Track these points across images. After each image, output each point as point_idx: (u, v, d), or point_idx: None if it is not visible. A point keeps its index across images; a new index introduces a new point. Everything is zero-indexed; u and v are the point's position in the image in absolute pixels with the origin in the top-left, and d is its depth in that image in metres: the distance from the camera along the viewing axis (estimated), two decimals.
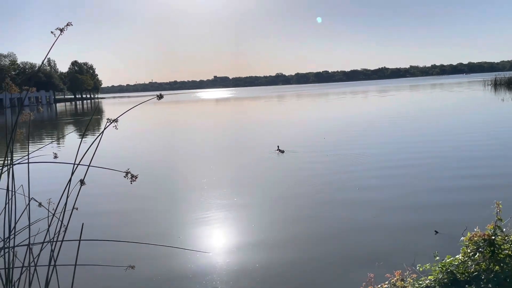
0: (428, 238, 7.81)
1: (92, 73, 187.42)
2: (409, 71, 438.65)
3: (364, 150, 17.67)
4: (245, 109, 62.38)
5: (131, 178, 2.50)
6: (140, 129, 33.92)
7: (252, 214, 10.02)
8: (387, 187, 11.67)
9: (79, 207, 2.80)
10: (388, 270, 4.24)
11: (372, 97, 74.02)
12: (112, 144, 21.29)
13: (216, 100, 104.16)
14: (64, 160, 2.82)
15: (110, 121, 2.57)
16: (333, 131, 25.35)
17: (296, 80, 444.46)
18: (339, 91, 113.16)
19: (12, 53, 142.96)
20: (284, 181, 13.29)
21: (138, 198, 11.65)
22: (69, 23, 2.36)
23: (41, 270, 2.72)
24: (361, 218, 9.21)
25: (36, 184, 2.88)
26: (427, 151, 16.74)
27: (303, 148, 19.10)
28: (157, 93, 2.73)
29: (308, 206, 10.42)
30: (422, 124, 26.66)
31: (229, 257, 7.50)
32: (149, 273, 6.87)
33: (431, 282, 3.74)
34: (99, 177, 11.93)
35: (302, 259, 7.32)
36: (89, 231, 3.01)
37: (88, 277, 6.53)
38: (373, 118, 31.80)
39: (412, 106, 45.89)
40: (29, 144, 2.91)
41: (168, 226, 9.42)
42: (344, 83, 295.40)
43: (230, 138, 26.35)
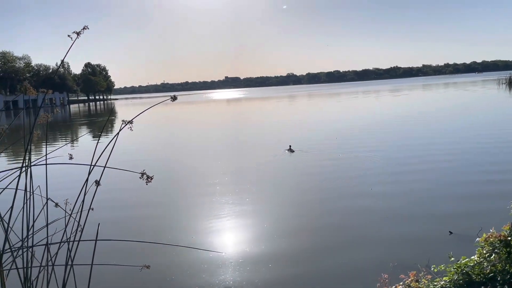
0: (443, 239, 7.73)
1: (105, 75, 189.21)
2: (421, 70, 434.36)
3: (377, 150, 17.56)
4: (256, 109, 62.40)
5: (146, 179, 2.53)
6: (153, 130, 34.15)
7: (264, 214, 10.03)
8: (401, 187, 11.57)
9: (95, 207, 2.84)
10: (402, 271, 4.21)
11: (385, 96, 73.46)
12: (126, 145, 21.49)
13: (228, 101, 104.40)
14: (79, 161, 2.87)
15: (125, 123, 2.60)
16: (345, 131, 25.22)
17: (307, 80, 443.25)
18: (351, 91, 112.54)
19: (27, 55, 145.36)
20: (297, 181, 13.27)
21: (153, 199, 11.76)
22: (85, 27, 2.40)
23: (59, 269, 2.76)
24: (373, 218, 9.15)
25: (53, 184, 2.93)
26: (441, 152, 16.56)
27: (315, 148, 19.05)
28: (169, 94, 2.76)
29: (321, 206, 10.39)
30: (435, 124, 26.39)
31: (242, 257, 7.52)
32: (164, 273, 6.93)
33: (446, 283, 3.70)
34: (115, 178, 12.04)
35: (315, 260, 7.31)
36: (105, 231, 3.04)
37: (104, 276, 6.62)
38: (386, 118, 31.58)
39: (425, 105, 45.46)
40: (46, 145, 2.96)
41: (182, 226, 9.48)
42: (356, 83, 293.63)
43: (242, 138, 26.38)
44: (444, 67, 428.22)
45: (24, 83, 2.63)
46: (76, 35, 2.39)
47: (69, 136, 35.58)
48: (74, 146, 25.87)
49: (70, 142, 27.61)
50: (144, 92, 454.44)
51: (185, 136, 30.29)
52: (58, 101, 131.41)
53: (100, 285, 6.22)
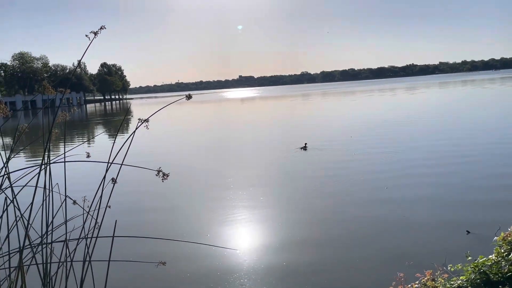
0: (460, 238, 7.64)
1: (121, 75, 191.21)
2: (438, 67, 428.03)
3: (393, 148, 17.42)
4: (271, 108, 62.36)
5: (162, 177, 2.55)
6: (168, 128, 34.40)
7: (278, 213, 10.04)
8: (417, 186, 11.45)
9: (112, 204, 2.88)
10: (418, 270, 4.17)
11: (401, 95, 72.67)
12: (143, 143, 21.70)
13: (242, 100, 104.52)
14: (96, 159, 2.91)
15: (141, 121, 2.63)
16: (360, 129, 25.05)
17: (322, 78, 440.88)
18: (366, 89, 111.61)
19: (44, 56, 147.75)
20: (311, 179, 13.23)
21: (168, 196, 11.89)
22: (102, 27, 2.43)
23: (77, 265, 2.81)
24: (390, 217, 9.09)
25: (71, 182, 2.98)
26: (458, 150, 16.34)
27: (330, 146, 18.97)
28: (184, 94, 2.78)
29: (335, 205, 10.36)
30: (453, 123, 26.03)
31: (257, 255, 7.55)
32: (179, 269, 7.01)
33: (463, 283, 3.66)
34: (132, 175, 12.19)
35: (331, 259, 7.29)
36: (122, 228, 3.09)
37: (121, 272, 6.72)
38: (402, 117, 31.25)
39: (442, 103, 44.84)
40: (64, 143, 3.01)
41: (197, 224, 9.55)
42: (371, 81, 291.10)
43: (257, 136, 26.39)
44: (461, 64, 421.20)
45: (43, 83, 2.68)
46: (94, 35, 2.43)
47: (86, 135, 36.08)
48: (91, 144, 26.24)
49: (87, 141, 28.00)
50: (159, 91, 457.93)
51: (200, 135, 30.43)
52: (75, 100, 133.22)
53: (117, 280, 6.31)
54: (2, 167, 2.76)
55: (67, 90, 2.80)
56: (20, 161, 18.85)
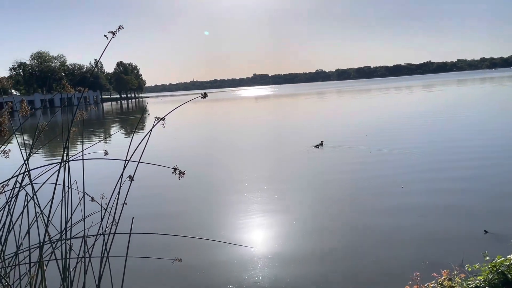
0: (478, 238, 7.52)
1: (137, 73, 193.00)
2: (456, 65, 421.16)
3: (410, 147, 17.22)
4: (285, 106, 62.23)
5: (179, 174, 2.58)
6: (183, 126, 34.61)
7: (294, 211, 10.03)
8: (434, 185, 11.31)
9: (129, 202, 2.93)
10: (434, 270, 4.13)
11: (418, 93, 71.76)
12: (159, 141, 21.89)
13: (256, 98, 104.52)
14: (113, 157, 2.96)
15: (158, 119, 2.66)
16: (376, 127, 24.84)
17: (337, 76, 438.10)
18: (382, 87, 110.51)
19: (62, 55, 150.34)
20: (327, 178, 13.18)
21: (184, 193, 11.99)
22: (120, 26, 2.46)
23: (95, 261, 2.86)
24: (406, 216, 9.00)
25: (89, 180, 3.04)
26: (477, 149, 16.07)
27: (346, 144, 18.87)
28: (199, 92, 2.80)
29: (352, 203, 10.30)
30: (471, 121, 25.61)
31: (271, 253, 7.56)
32: (195, 267, 7.06)
33: (481, 283, 3.62)
34: (148, 173, 12.30)
35: (346, 257, 7.26)
36: (139, 225, 3.13)
37: (138, 268, 6.81)
38: (420, 114, 30.87)
39: (460, 101, 44.15)
40: (80, 142, 3.07)
41: (213, 221, 9.61)
42: (387, 79, 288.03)
43: (272, 133, 26.38)
44: (480, 61, 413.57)
45: (62, 81, 2.74)
46: (112, 35, 2.47)
47: (103, 134, 36.53)
48: (108, 143, 26.57)
49: (104, 139, 28.36)
50: (174, 90, 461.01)
51: (215, 132, 30.54)
52: (92, 99, 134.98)
53: (134, 276, 6.41)
54: (22, 165, 2.83)
55: (85, 89, 2.85)
56: (40, 159, 19.18)
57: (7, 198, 2.80)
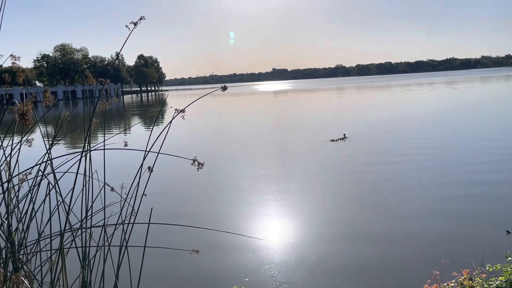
0: (500, 238, 7.37)
1: (157, 67, 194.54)
2: (480, 61, 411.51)
3: (431, 146, 16.96)
4: (304, 101, 61.88)
5: (198, 166, 2.59)
6: (204, 119, 34.76)
7: (310, 204, 10.00)
8: (455, 184, 11.11)
9: (148, 192, 2.95)
10: (455, 269, 4.06)
11: (441, 89, 70.44)
12: (178, 133, 22.03)
13: (274, 93, 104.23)
14: (133, 148, 2.98)
15: (177, 111, 2.66)
16: (396, 124, 24.52)
17: (357, 72, 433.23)
18: (403, 83, 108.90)
19: (84, 47, 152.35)
20: (344, 174, 13.07)
21: (202, 185, 12.11)
22: (142, 17, 2.47)
23: (114, 250, 2.90)
24: (427, 215, 8.87)
25: (109, 170, 3.07)
26: (499, 149, 15.73)
27: (365, 140, 18.68)
28: (218, 86, 2.80)
29: (370, 200, 10.20)
30: (495, 121, 25.05)
31: (288, 248, 7.55)
32: (212, 258, 7.12)
33: (502, 283, 3.54)
34: (167, 164, 12.43)
35: (363, 254, 7.20)
36: (157, 215, 3.16)
37: (156, 258, 6.90)
38: (444, 112, 30.32)
39: (484, 100, 43.18)
40: (101, 133, 3.10)
41: (229, 214, 9.66)
42: (408, 75, 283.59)
43: (290, 129, 26.27)
44: (505, 58, 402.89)
45: (85, 72, 2.77)
46: (134, 26, 2.47)
47: (123, 125, 37.01)
48: (128, 134, 26.91)
49: (124, 130, 28.73)
50: (193, 83, 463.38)
51: (235, 126, 30.60)
52: (113, 91, 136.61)
53: (152, 266, 6.50)
54: (45, 154, 2.87)
55: (107, 81, 2.87)
56: (62, 149, 19.55)
57: (30, 186, 2.85)
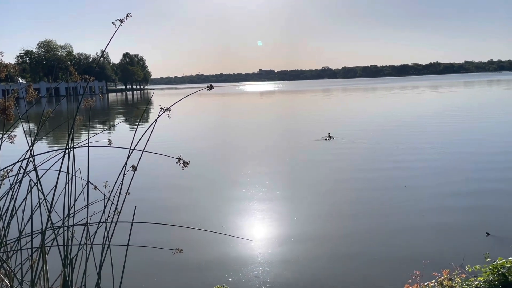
0: (479, 240, 7.51)
1: (143, 65, 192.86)
2: (463, 66, 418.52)
3: (415, 145, 17.18)
4: (291, 102, 62.09)
5: (182, 164, 2.58)
6: (189, 119, 34.59)
7: (295, 206, 10.03)
8: (437, 186, 11.28)
9: (132, 191, 2.93)
10: (435, 269, 4.12)
11: (427, 93, 71.41)
12: (163, 132, 21.89)
13: (261, 93, 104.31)
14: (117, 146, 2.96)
15: (163, 110, 2.65)
16: (380, 126, 24.77)
17: (343, 74, 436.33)
18: (388, 86, 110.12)
19: (69, 44, 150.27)
20: (329, 174, 13.16)
21: (187, 185, 12.05)
22: (128, 14, 2.46)
23: (96, 248, 2.87)
24: (409, 216, 8.98)
25: (92, 168, 3.04)
26: (479, 152, 16.04)
27: (351, 141, 18.83)
28: (204, 85, 2.79)
29: (353, 201, 10.28)
30: (477, 123, 25.51)
31: (272, 248, 7.57)
32: (195, 258, 7.10)
33: (481, 284, 3.62)
34: (152, 163, 12.36)
35: (346, 254, 7.26)
36: (141, 214, 3.14)
37: (139, 257, 6.85)
38: (427, 115, 30.74)
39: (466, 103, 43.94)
40: (85, 130, 3.07)
41: (214, 214, 9.63)
42: (393, 78, 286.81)
43: (276, 129, 26.33)
44: (487, 64, 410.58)
45: (70, 68, 2.74)
46: (120, 23, 2.46)
47: (108, 123, 36.60)
48: (112, 132, 26.62)
49: (109, 128, 28.41)
50: (179, 82, 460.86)
51: (221, 126, 30.52)
52: (97, 89, 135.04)
53: (135, 265, 6.43)
54: (27, 151, 2.83)
55: (91, 78, 2.84)
56: (44, 146, 19.25)
57: (11, 184, 2.80)
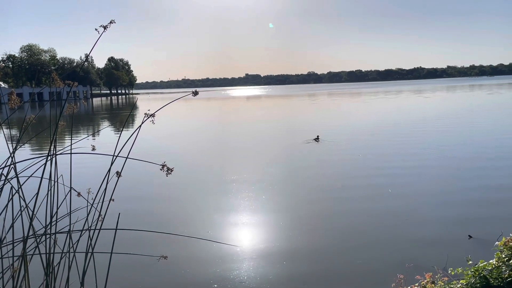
0: (462, 243, 7.62)
1: (128, 69, 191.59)
2: (446, 71, 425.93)
3: (400, 150, 17.36)
4: (278, 106, 62.27)
5: (167, 171, 2.57)
6: (174, 124, 34.42)
7: (281, 211, 10.04)
8: (421, 189, 11.42)
9: (116, 197, 2.91)
10: (418, 272, 4.18)
11: (410, 98, 72.34)
12: (148, 138, 21.73)
13: (247, 98, 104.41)
14: (101, 152, 2.93)
15: (147, 116, 2.64)
16: (367, 131, 25.01)
17: (328, 79, 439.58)
18: (373, 91, 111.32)
19: (52, 48, 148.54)
20: (314, 179, 13.22)
21: (171, 191, 11.95)
22: (112, 21, 2.45)
23: (80, 256, 2.84)
24: (392, 219, 9.07)
25: (76, 175, 3.00)
26: (460, 156, 16.29)
27: (336, 143, 18.96)
28: (190, 90, 2.79)
29: (338, 205, 10.34)
30: (461, 127, 25.91)
31: (257, 253, 7.57)
32: (180, 264, 7.05)
33: (463, 286, 3.67)
34: (136, 169, 12.24)
35: (331, 258, 7.30)
36: (125, 221, 3.11)
37: (123, 265, 6.77)
38: (407, 121, 31.11)
39: (451, 107, 44.66)
40: (68, 136, 3.04)
41: (199, 220, 9.57)
42: (378, 83, 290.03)
43: (263, 134, 26.36)
44: (469, 69, 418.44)
45: (52, 74, 2.71)
46: (103, 29, 2.45)
47: (92, 129, 36.21)
48: (96, 138, 26.34)
49: (93, 134, 28.10)
50: (165, 87, 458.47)
51: (206, 130, 30.44)
52: (81, 94, 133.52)
53: (119, 273, 6.36)
54: (8, 157, 2.79)
55: (74, 83, 2.82)
56: (26, 152, 18.95)
57: None
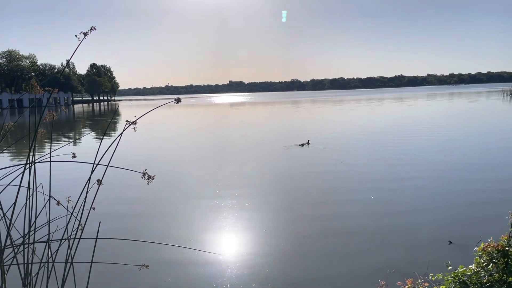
0: (442, 248, 7.73)
1: (110, 76, 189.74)
2: (426, 79, 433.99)
3: (384, 155, 17.55)
4: (263, 113, 62.41)
5: (148, 179, 2.55)
6: (157, 131, 34.17)
7: (263, 218, 10.04)
8: (401, 195, 11.56)
9: (96, 206, 2.87)
10: (399, 278, 4.21)
11: (391, 105, 73.40)
12: (129, 145, 21.52)
13: (231, 105, 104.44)
14: (82, 160, 2.90)
15: (129, 123, 2.62)
16: (353, 138, 25.25)
17: (311, 86, 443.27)
18: (355, 98, 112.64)
19: (33, 54, 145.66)
20: (298, 187, 13.26)
21: (152, 199, 11.81)
22: (92, 27, 2.43)
23: (59, 266, 2.79)
24: (373, 226, 9.15)
25: (56, 183, 2.95)
26: (439, 161, 16.56)
27: (323, 147, 19.07)
28: (173, 97, 2.78)
29: (322, 212, 10.39)
30: (438, 133, 26.36)
31: (240, 261, 7.54)
32: (162, 273, 6.96)
33: None
34: (117, 177, 12.10)
35: (313, 265, 7.31)
36: (105, 230, 3.07)
37: (104, 274, 6.66)
38: (392, 126, 31.52)
39: (431, 115, 45.43)
40: (48, 143, 2.99)
41: (181, 228, 9.49)
42: (360, 90, 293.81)
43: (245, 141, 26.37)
44: (449, 77, 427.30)
45: (31, 81, 2.67)
46: (84, 36, 2.43)
47: (72, 136, 35.68)
48: (77, 145, 25.96)
49: (73, 141, 27.68)
50: (148, 94, 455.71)
51: (190, 138, 30.29)
52: (63, 100, 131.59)
53: (99, 283, 6.25)
54: None
55: (55, 90, 2.78)
56: (4, 160, 18.55)
57: None
